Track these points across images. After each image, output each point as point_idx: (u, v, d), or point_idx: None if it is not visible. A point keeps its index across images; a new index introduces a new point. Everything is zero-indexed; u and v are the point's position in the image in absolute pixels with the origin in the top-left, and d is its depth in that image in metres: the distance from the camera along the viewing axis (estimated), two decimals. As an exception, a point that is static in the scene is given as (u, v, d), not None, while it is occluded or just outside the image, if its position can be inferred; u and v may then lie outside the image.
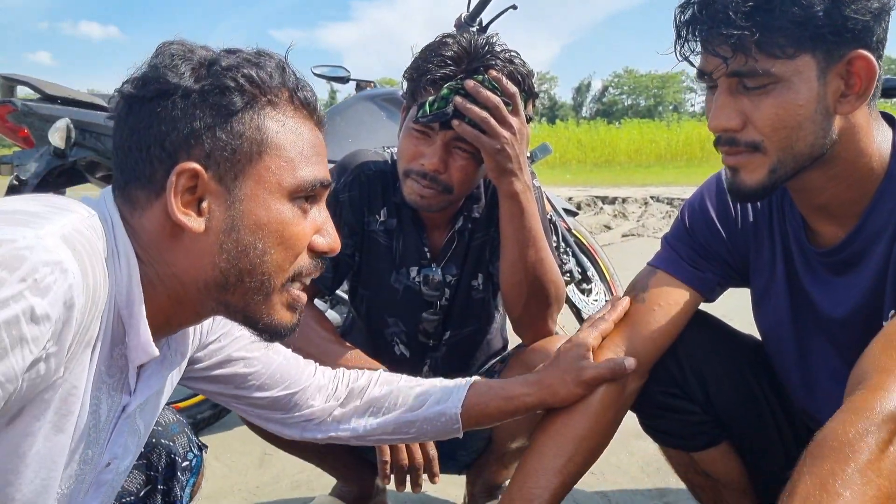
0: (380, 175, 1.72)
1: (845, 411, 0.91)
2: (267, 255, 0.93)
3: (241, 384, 1.23)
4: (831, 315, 1.29)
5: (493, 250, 1.73)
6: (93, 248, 0.83)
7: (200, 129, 0.89)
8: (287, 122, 0.95)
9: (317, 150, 0.98)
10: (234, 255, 0.92)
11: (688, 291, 1.42)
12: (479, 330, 1.83)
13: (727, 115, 1.15)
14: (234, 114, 0.90)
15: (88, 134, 2.89)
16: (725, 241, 1.42)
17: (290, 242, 0.95)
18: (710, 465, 1.48)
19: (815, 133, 1.13)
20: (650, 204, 11.28)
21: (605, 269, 3.53)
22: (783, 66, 1.09)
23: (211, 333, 1.18)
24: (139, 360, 0.93)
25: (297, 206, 0.95)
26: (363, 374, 1.38)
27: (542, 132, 31.28)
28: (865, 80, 1.11)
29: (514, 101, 1.48)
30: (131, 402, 0.98)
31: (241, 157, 0.91)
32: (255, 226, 0.92)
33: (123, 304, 0.89)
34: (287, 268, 0.96)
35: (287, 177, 0.94)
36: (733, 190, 1.21)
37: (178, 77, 0.89)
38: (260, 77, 0.92)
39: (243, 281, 0.93)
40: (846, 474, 0.83)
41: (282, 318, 0.98)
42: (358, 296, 1.82)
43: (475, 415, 1.34)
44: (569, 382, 1.31)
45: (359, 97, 3.43)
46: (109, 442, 0.98)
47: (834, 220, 1.25)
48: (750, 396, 1.45)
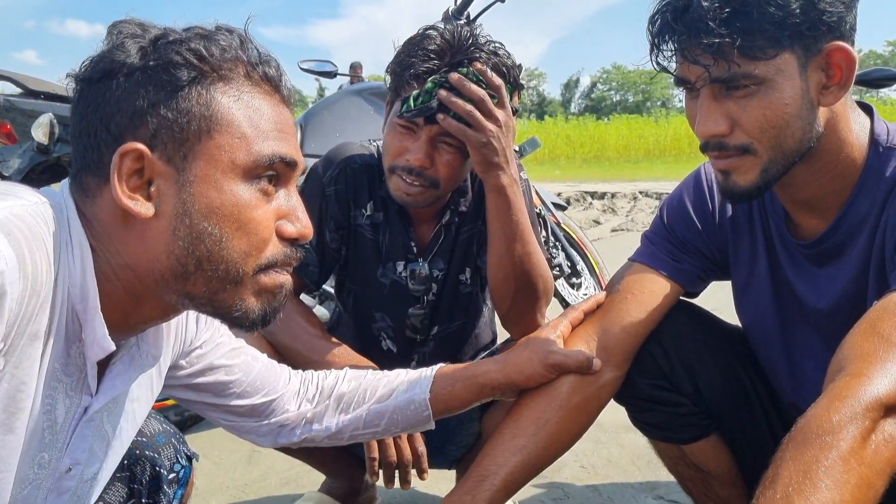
0: (366, 168, 1.70)
1: (828, 398, 0.90)
2: (225, 242, 0.86)
3: (222, 392, 1.21)
4: (816, 306, 1.30)
5: (480, 244, 1.72)
6: (34, 234, 0.78)
7: (144, 108, 0.84)
8: (242, 96, 0.88)
9: (279, 125, 0.91)
10: (188, 242, 0.85)
11: (665, 282, 1.42)
12: (467, 324, 1.82)
13: (714, 120, 1.14)
14: (180, 89, 0.85)
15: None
16: (703, 236, 1.43)
17: (249, 227, 0.88)
18: (700, 458, 1.48)
19: (803, 128, 1.13)
20: (639, 199, 11.31)
21: (595, 263, 3.54)
22: (765, 66, 1.09)
23: (195, 340, 1.15)
24: (96, 355, 0.87)
25: (257, 189, 0.88)
26: (331, 372, 1.37)
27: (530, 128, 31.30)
28: (846, 69, 1.11)
29: (500, 93, 1.46)
30: (93, 403, 0.92)
31: (189, 136, 0.85)
32: (207, 209, 0.85)
33: (77, 297, 0.84)
34: (255, 255, 0.89)
35: (240, 154, 0.87)
36: (727, 192, 1.21)
37: (124, 55, 0.85)
38: (209, 51, 0.87)
39: (203, 269, 0.87)
40: (828, 462, 0.83)
41: (259, 305, 0.92)
42: (345, 290, 1.81)
43: (444, 398, 1.33)
44: (535, 362, 1.32)
45: (346, 91, 3.42)
46: (69, 446, 0.92)
47: (816, 211, 1.26)
48: (739, 388, 1.45)
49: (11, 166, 2.78)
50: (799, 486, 0.82)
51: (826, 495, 0.81)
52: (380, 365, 1.62)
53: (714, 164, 1.20)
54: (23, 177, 2.83)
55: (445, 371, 1.36)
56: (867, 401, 0.88)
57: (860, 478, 0.83)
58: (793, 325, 1.35)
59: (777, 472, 0.85)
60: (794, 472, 0.84)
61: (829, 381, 0.95)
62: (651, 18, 1.16)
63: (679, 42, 1.13)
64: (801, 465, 0.84)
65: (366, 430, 1.33)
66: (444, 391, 1.33)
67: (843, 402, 0.88)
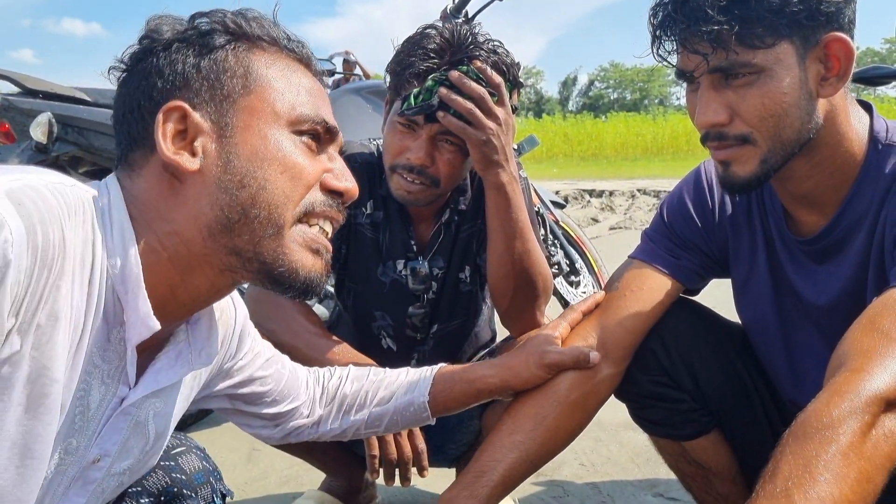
0: (366, 167, 1.71)
1: (828, 393, 0.91)
2: (269, 184, 0.87)
3: (255, 402, 1.23)
4: (815, 303, 1.30)
5: (480, 242, 1.72)
6: (48, 207, 0.75)
7: (185, 69, 0.88)
8: (277, 63, 0.92)
9: (315, 93, 0.94)
10: (232, 189, 0.86)
11: (664, 278, 1.42)
12: (466, 323, 1.83)
13: (714, 110, 1.15)
14: (216, 48, 0.89)
15: (71, 128, 2.86)
16: (703, 233, 1.43)
17: (293, 171, 0.89)
18: (700, 454, 1.48)
19: (802, 119, 1.14)
20: (637, 197, 11.32)
21: (594, 261, 3.54)
22: (764, 55, 1.10)
23: (238, 353, 1.16)
24: (139, 336, 0.85)
25: (302, 142, 0.91)
26: (335, 372, 1.37)
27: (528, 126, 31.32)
28: (844, 61, 1.12)
29: (500, 91, 1.46)
30: (130, 395, 0.90)
31: (229, 92, 0.88)
32: (251, 154, 0.87)
33: (119, 278, 0.83)
34: (296, 199, 0.89)
35: (284, 106, 0.90)
36: (726, 183, 1.21)
37: (160, 35, 0.89)
38: (243, 22, 0.91)
39: (248, 215, 0.86)
40: (828, 456, 0.83)
41: (304, 260, 0.91)
42: (345, 289, 1.81)
43: (442, 400, 1.35)
44: (531, 365, 1.32)
45: (344, 90, 3.42)
46: (100, 435, 0.90)
47: (815, 208, 1.26)
48: (739, 384, 1.45)
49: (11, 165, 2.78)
50: (799, 480, 0.82)
51: (825, 489, 0.81)
52: (380, 363, 1.62)
53: (714, 155, 1.21)
54: (21, 176, 2.83)
55: (444, 373, 1.37)
56: (867, 396, 0.88)
57: (860, 472, 0.83)
58: (792, 322, 1.36)
59: (777, 466, 0.86)
60: (793, 466, 0.84)
61: (829, 377, 0.96)
62: (652, 10, 1.17)
63: (679, 31, 1.14)
64: (800, 459, 0.84)
65: (367, 430, 1.36)
66: (443, 394, 1.35)
67: (843, 397, 0.88)
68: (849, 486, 0.82)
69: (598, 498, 2.10)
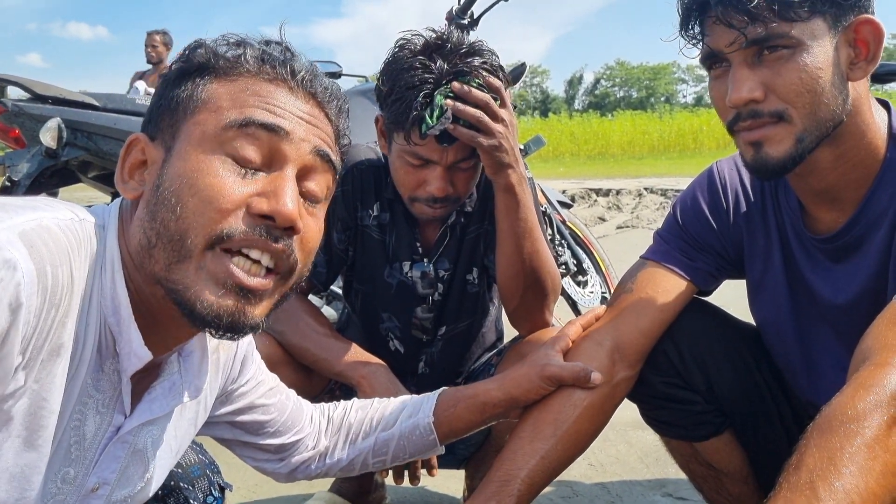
0: (372, 170, 1.71)
1: (853, 386, 0.90)
2: (181, 207, 0.82)
3: (257, 431, 1.22)
4: (833, 302, 1.29)
5: (487, 243, 1.73)
6: (59, 248, 0.78)
7: (157, 102, 0.91)
8: (239, 82, 0.88)
9: (270, 101, 0.87)
10: (155, 211, 0.84)
11: (678, 280, 1.41)
12: (473, 324, 1.83)
13: (749, 87, 1.13)
14: (184, 80, 0.89)
15: (80, 133, 2.88)
16: (717, 234, 1.42)
17: (205, 194, 0.82)
18: (713, 455, 1.48)
19: (836, 98, 1.13)
20: (644, 195, 11.29)
21: (601, 260, 3.54)
22: (800, 28, 1.10)
23: (239, 379, 1.16)
24: (133, 367, 0.87)
25: (227, 159, 0.84)
26: (339, 404, 1.37)
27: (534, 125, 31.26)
28: (874, 44, 1.13)
29: (501, 94, 1.48)
30: (126, 423, 0.91)
31: (177, 118, 0.88)
32: (172, 177, 0.84)
33: (110, 310, 0.85)
34: (207, 224, 0.82)
35: (211, 125, 0.85)
36: (758, 166, 1.18)
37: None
38: (212, 57, 0.90)
39: (162, 239, 0.83)
40: (853, 449, 0.83)
41: (204, 295, 0.83)
42: (353, 291, 1.82)
43: (447, 420, 1.32)
44: (533, 376, 1.31)
45: (351, 92, 3.43)
46: (97, 464, 0.90)
47: (834, 204, 1.25)
48: (752, 384, 1.44)
49: (20, 171, 2.79)
50: (823, 472, 0.82)
51: (850, 482, 0.80)
52: (388, 364, 1.63)
53: (744, 137, 1.18)
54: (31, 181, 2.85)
55: (447, 393, 1.36)
56: (892, 389, 0.88)
57: (885, 465, 0.83)
58: (808, 322, 1.35)
59: (801, 459, 0.85)
60: (818, 458, 0.84)
61: (853, 371, 0.95)
62: None
63: (715, 4, 1.13)
64: (825, 451, 0.84)
65: (375, 459, 1.32)
66: (447, 413, 1.32)
67: (868, 391, 0.88)
68: (874, 479, 0.81)
69: (607, 498, 2.09)
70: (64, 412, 0.82)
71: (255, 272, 0.86)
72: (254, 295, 0.86)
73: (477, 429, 1.37)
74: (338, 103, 0.95)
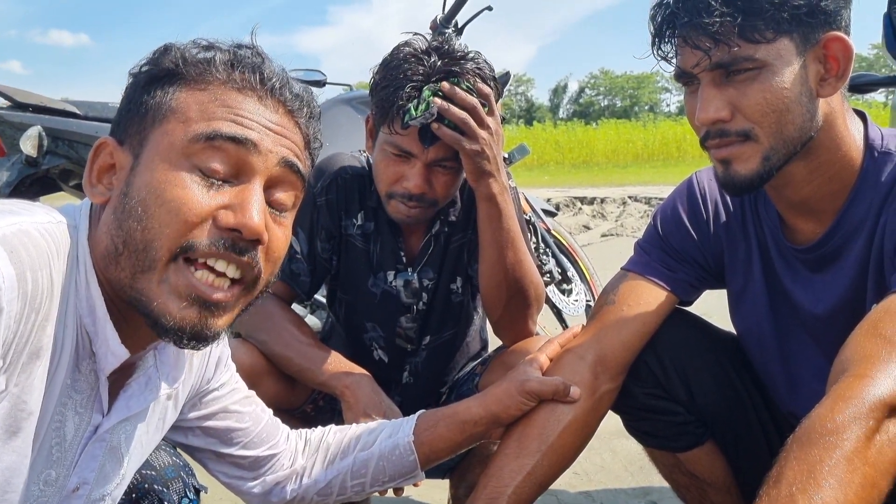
0: (357, 179, 1.71)
1: (832, 398, 0.91)
2: (147, 217, 0.82)
3: (230, 440, 1.20)
4: (813, 312, 1.29)
5: (471, 253, 1.72)
6: (39, 252, 0.78)
7: (125, 106, 0.89)
8: (209, 90, 0.88)
9: (238, 112, 0.87)
10: (122, 218, 0.84)
11: (660, 292, 1.41)
12: (458, 333, 1.82)
13: (715, 106, 1.14)
14: (149, 86, 0.88)
15: (61, 142, 2.86)
16: (698, 244, 1.43)
17: (171, 205, 0.82)
18: (695, 465, 1.48)
19: (803, 116, 1.14)
20: (628, 204, 11.34)
21: (585, 269, 3.54)
22: (765, 50, 1.10)
23: (213, 382, 1.15)
24: (110, 366, 0.87)
25: (194, 170, 0.84)
26: (317, 428, 1.36)
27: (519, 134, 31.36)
28: (843, 61, 1.13)
29: (490, 101, 1.48)
30: (104, 422, 0.92)
31: (146, 125, 0.87)
32: (139, 186, 0.84)
33: (85, 311, 0.85)
34: (173, 235, 0.82)
35: (178, 136, 0.85)
36: (727, 183, 1.20)
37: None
38: (194, 57, 0.89)
39: (129, 247, 0.83)
40: (833, 461, 0.83)
41: (169, 307, 0.83)
42: (336, 300, 1.81)
43: (428, 440, 1.31)
44: (512, 392, 1.31)
45: (335, 100, 3.42)
46: (77, 465, 0.91)
47: (812, 215, 1.26)
48: (733, 395, 1.45)
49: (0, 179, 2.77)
50: (803, 486, 0.82)
51: (830, 494, 0.81)
52: (372, 374, 1.62)
53: (714, 154, 1.20)
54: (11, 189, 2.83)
55: (427, 414, 1.35)
56: (871, 401, 0.88)
57: (864, 477, 0.83)
58: (789, 332, 1.35)
59: (781, 471, 0.86)
60: (798, 471, 0.84)
61: (832, 382, 0.95)
62: (653, 9, 1.18)
63: (681, 26, 1.14)
64: (805, 464, 0.84)
65: (353, 481, 1.30)
66: (427, 432, 1.31)
67: (847, 403, 0.88)
68: (853, 492, 0.82)
69: (592, 507, 2.10)
70: (44, 414, 0.83)
71: (219, 285, 0.86)
72: (217, 307, 0.86)
73: (459, 449, 1.35)
74: (308, 110, 0.95)
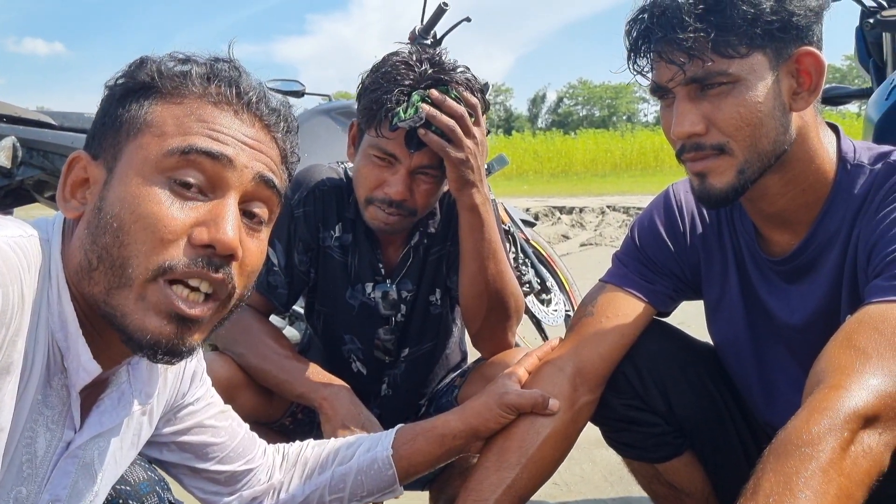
0: (335, 190, 1.70)
1: (807, 410, 0.91)
2: (124, 234, 0.82)
3: (205, 455, 1.18)
4: (788, 322, 1.30)
5: (450, 264, 1.72)
6: (9, 267, 0.77)
7: (100, 119, 0.89)
8: (185, 104, 0.87)
9: (214, 127, 0.87)
10: (97, 233, 0.83)
11: (638, 303, 1.42)
12: (437, 345, 1.82)
13: (690, 120, 1.15)
14: (124, 99, 0.88)
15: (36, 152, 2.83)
16: (675, 256, 1.43)
17: (147, 221, 0.82)
18: (674, 476, 1.48)
19: (777, 129, 1.15)
20: (607, 213, 11.40)
21: (564, 278, 3.55)
22: (739, 65, 1.12)
23: (188, 396, 1.13)
24: (82, 381, 0.86)
25: (168, 185, 0.84)
26: (294, 443, 1.35)
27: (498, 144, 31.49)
28: (815, 74, 1.15)
29: (476, 111, 1.49)
30: (76, 438, 0.90)
31: (120, 139, 0.86)
32: (114, 201, 0.83)
33: (57, 326, 0.84)
34: (150, 254, 0.82)
35: (153, 150, 0.84)
36: (703, 196, 1.22)
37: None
38: (170, 70, 0.88)
39: (103, 261, 0.82)
40: (808, 473, 0.84)
41: (148, 323, 0.83)
42: (314, 312, 1.80)
43: (407, 454, 1.30)
44: (491, 405, 1.30)
45: (314, 111, 3.41)
46: (49, 481, 0.89)
47: (787, 227, 1.27)
48: (711, 405, 1.45)
49: (-27, 190, 2.74)
50: (779, 498, 0.83)
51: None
52: (350, 387, 1.61)
53: (690, 168, 1.21)
54: (-16, 201, 2.79)
55: (406, 428, 1.34)
56: (846, 413, 0.89)
57: (840, 489, 0.84)
58: (765, 343, 1.36)
59: (758, 484, 0.86)
60: (774, 483, 0.85)
61: (807, 394, 0.96)
62: (629, 24, 1.19)
63: (655, 42, 1.15)
64: (781, 476, 0.85)
65: (332, 496, 1.29)
66: (406, 446, 1.30)
67: (822, 414, 0.89)
68: (829, 503, 0.82)
69: (572, 518, 2.09)
70: (14, 431, 0.81)
71: (195, 300, 0.86)
72: (193, 322, 0.86)
73: (438, 463, 1.35)
74: (285, 124, 0.95)
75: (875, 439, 0.90)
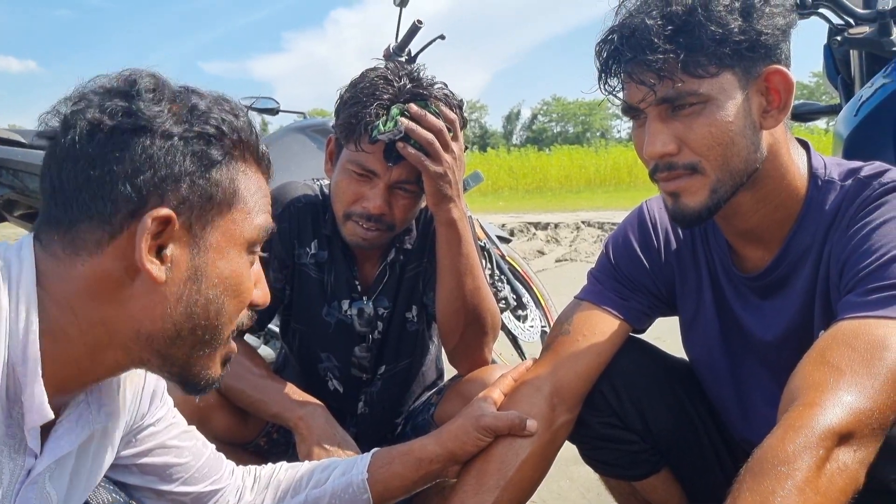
0: (310, 207, 1.70)
1: (782, 428, 0.92)
2: (222, 307, 0.91)
3: (169, 476, 1.16)
4: (762, 338, 1.31)
5: (426, 281, 1.72)
6: None
7: (180, 175, 0.85)
8: (250, 173, 0.94)
9: (266, 199, 0.98)
10: (192, 307, 0.88)
11: (613, 321, 1.42)
12: (413, 363, 1.81)
13: (662, 140, 1.16)
14: (215, 164, 0.88)
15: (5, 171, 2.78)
16: (650, 272, 1.44)
17: (243, 296, 0.93)
18: (651, 493, 1.48)
19: (748, 148, 1.16)
20: (582, 228, 11.44)
21: (540, 294, 3.55)
22: (709, 84, 1.12)
23: (148, 417, 1.11)
24: (33, 422, 0.84)
25: (248, 259, 0.94)
26: (267, 465, 1.33)
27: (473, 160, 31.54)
28: (784, 92, 1.16)
29: (455, 127, 1.50)
30: (36, 464, 0.88)
31: (213, 207, 0.88)
32: (218, 277, 0.90)
33: (19, 359, 0.81)
34: (235, 320, 0.94)
35: (247, 228, 0.93)
36: (677, 216, 1.22)
37: (156, 115, 0.84)
38: (236, 128, 0.91)
39: (196, 333, 0.90)
40: (784, 492, 0.84)
41: (216, 371, 0.96)
42: (290, 330, 1.79)
43: (382, 478, 1.29)
44: (468, 428, 1.30)
45: (289, 128, 3.40)
46: None
47: (760, 244, 1.28)
48: (687, 422, 1.46)
49: (-59, 210, 2.69)
50: None
51: None
52: (327, 405, 1.60)
53: (663, 187, 1.22)
54: (-47, 220, 2.74)
55: (382, 452, 1.33)
56: (821, 430, 0.89)
57: None
58: (740, 358, 1.37)
59: (735, 503, 0.87)
60: (751, 502, 0.85)
61: (782, 412, 0.97)
62: (598, 45, 1.19)
63: (625, 63, 1.15)
64: (758, 495, 0.85)
65: None
66: (382, 470, 1.29)
67: (797, 433, 0.89)
68: None
69: (550, 535, 2.08)
70: None
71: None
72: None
73: (414, 488, 1.33)
74: None
75: (850, 456, 0.90)
